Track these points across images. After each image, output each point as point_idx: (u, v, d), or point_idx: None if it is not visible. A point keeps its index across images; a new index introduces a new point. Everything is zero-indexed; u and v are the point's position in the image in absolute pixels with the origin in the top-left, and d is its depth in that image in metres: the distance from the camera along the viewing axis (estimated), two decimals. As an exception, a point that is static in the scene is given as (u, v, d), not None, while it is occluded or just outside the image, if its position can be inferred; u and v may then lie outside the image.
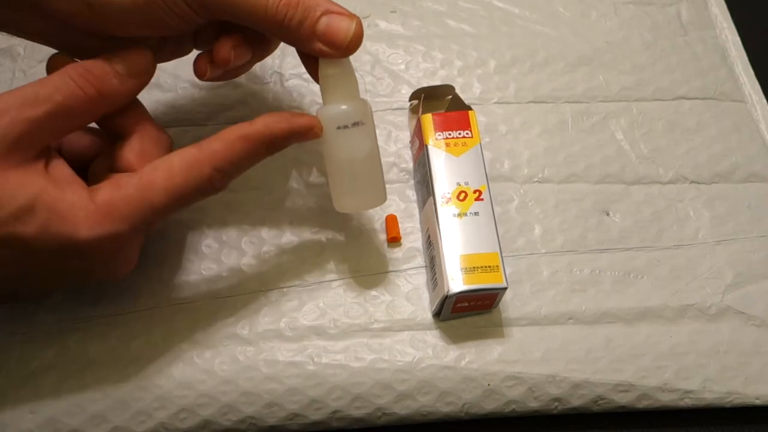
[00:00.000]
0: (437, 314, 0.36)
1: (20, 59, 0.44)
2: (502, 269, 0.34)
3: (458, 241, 0.35)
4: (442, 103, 0.42)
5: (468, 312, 0.36)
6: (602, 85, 0.46)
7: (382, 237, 0.39)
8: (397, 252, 0.39)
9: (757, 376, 0.36)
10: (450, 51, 0.46)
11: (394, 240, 0.39)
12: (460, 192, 0.36)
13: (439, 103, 0.43)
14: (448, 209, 0.36)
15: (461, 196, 0.36)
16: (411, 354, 0.36)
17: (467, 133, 0.38)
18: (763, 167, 0.43)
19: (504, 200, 0.41)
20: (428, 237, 0.37)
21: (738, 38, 0.49)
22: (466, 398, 0.35)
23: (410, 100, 0.43)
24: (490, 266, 0.34)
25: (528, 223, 0.40)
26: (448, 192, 0.36)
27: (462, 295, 0.34)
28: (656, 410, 0.36)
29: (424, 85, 0.42)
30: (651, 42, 0.48)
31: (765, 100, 0.46)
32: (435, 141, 0.38)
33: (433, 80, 0.45)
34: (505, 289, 0.34)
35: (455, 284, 0.34)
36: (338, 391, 0.34)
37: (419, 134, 0.39)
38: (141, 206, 0.29)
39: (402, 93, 0.44)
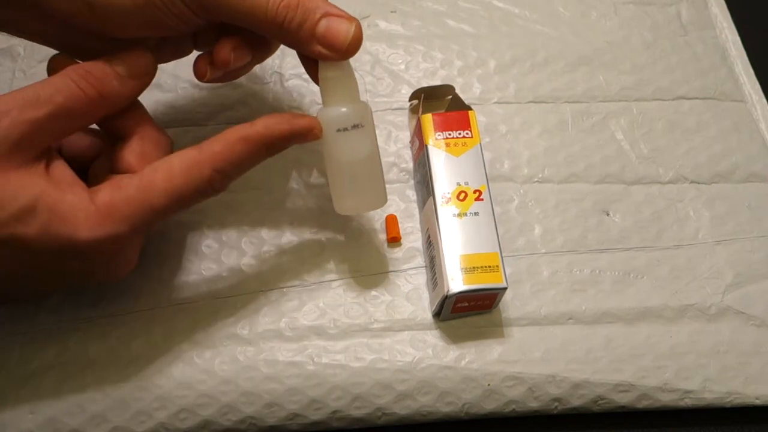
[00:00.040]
0: (437, 314, 0.36)
1: (20, 59, 0.44)
2: (502, 269, 0.34)
3: (458, 241, 0.35)
4: (442, 103, 0.42)
5: (468, 312, 0.36)
6: (602, 85, 0.46)
7: (382, 237, 0.39)
8: (397, 252, 0.39)
9: (757, 376, 0.36)
10: (450, 51, 0.46)
11: (394, 240, 0.39)
12: (460, 192, 0.36)
13: (439, 103, 0.43)
14: (448, 209, 0.36)
15: (461, 196, 0.36)
16: (411, 354, 0.36)
17: (467, 133, 0.38)
18: (763, 167, 0.43)
19: (504, 200, 0.41)
20: (428, 237, 0.37)
21: (738, 38, 0.49)
22: (466, 398, 0.35)
23: (410, 100, 0.43)
24: (490, 266, 0.34)
25: (528, 223, 0.40)
26: (448, 192, 0.36)
27: (462, 295, 0.34)
28: (656, 410, 0.36)
29: (424, 85, 0.42)
30: (651, 42, 0.48)
31: (765, 100, 0.46)
32: (435, 141, 0.38)
33: (433, 80, 0.45)
34: (505, 289, 0.34)
35: (455, 284, 0.34)
36: (338, 391, 0.34)
37: (419, 134, 0.39)
38: (141, 207, 0.29)
39: (402, 93, 0.44)
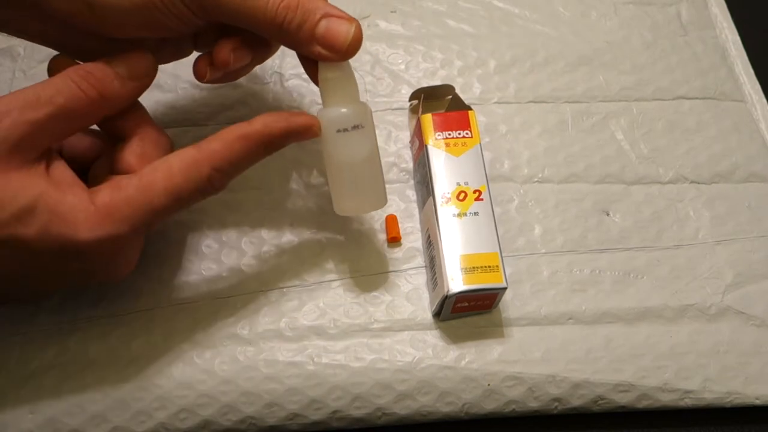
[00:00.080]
0: (437, 314, 0.36)
1: (20, 59, 0.44)
2: (502, 269, 0.34)
3: (458, 241, 0.35)
4: (442, 103, 0.42)
5: (468, 312, 0.36)
6: (602, 85, 0.46)
7: (382, 237, 0.39)
8: (397, 252, 0.39)
9: (757, 376, 0.36)
10: (450, 51, 0.46)
11: (394, 240, 0.39)
12: (460, 192, 0.36)
13: (439, 103, 0.43)
14: (448, 209, 0.36)
15: (461, 196, 0.36)
16: (411, 354, 0.36)
17: (467, 133, 0.38)
18: (763, 167, 0.43)
19: (504, 200, 0.41)
20: (428, 237, 0.37)
21: (738, 38, 0.49)
22: (466, 398, 0.35)
23: (410, 100, 0.43)
24: (490, 266, 0.34)
25: (528, 223, 0.40)
26: (448, 192, 0.36)
27: (462, 295, 0.34)
28: (656, 410, 0.36)
29: (424, 85, 0.42)
30: (651, 42, 0.48)
31: (765, 100, 0.46)
32: (435, 141, 0.38)
33: (433, 80, 0.45)
34: (505, 289, 0.34)
35: (455, 284, 0.34)
36: (338, 391, 0.34)
37: (419, 134, 0.39)
38: (141, 207, 0.29)
39: (402, 93, 0.44)
